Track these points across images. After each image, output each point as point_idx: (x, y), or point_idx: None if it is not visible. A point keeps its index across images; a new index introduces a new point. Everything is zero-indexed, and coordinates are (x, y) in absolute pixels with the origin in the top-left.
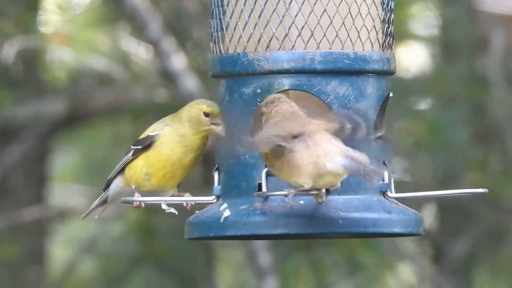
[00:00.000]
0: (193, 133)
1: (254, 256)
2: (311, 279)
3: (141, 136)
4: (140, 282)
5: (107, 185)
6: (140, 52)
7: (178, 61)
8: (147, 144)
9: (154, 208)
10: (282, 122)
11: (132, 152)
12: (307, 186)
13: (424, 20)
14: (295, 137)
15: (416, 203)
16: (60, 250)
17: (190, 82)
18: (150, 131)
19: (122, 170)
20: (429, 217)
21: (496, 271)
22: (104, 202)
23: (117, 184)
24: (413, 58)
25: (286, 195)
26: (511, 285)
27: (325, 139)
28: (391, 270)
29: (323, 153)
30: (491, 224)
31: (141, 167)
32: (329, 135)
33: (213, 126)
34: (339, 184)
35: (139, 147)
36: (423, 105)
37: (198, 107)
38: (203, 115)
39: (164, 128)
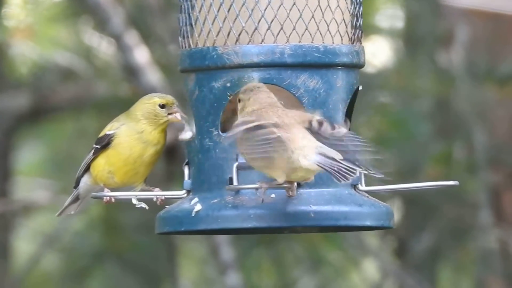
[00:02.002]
0: (153, 128)
1: (216, 251)
2: (273, 274)
3: (100, 135)
4: (103, 277)
5: (77, 183)
6: (102, 46)
7: (141, 55)
8: (106, 143)
9: (118, 203)
10: (257, 111)
11: (92, 151)
12: (280, 180)
13: (388, 14)
14: (273, 125)
15: (379, 198)
16: (24, 244)
17: (153, 76)
18: (107, 130)
19: (88, 169)
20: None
21: (459, 266)
22: (76, 199)
23: (85, 182)
24: (377, 52)
25: (257, 189)
26: (474, 280)
27: (301, 134)
28: (354, 266)
29: (298, 149)
30: (454, 219)
31: (103, 166)
32: (304, 130)
33: (170, 116)
34: (312, 178)
35: (98, 146)
36: (387, 99)
37: (151, 102)
38: (158, 108)
39: (120, 127)
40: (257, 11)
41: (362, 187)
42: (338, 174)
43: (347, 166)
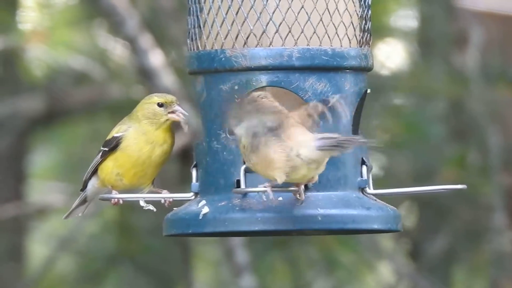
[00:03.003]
0: (154, 128)
1: (231, 254)
2: (288, 277)
3: (108, 137)
4: (117, 279)
5: (84, 186)
6: (117, 49)
7: (155, 58)
8: (114, 146)
9: (131, 206)
10: (261, 114)
11: (100, 154)
12: (280, 180)
13: (402, 16)
14: (271, 130)
15: (394, 201)
16: (38, 247)
17: (167, 79)
18: (115, 132)
19: (96, 171)
20: (407, 214)
21: (474, 268)
22: (84, 201)
23: (93, 184)
24: (391, 55)
25: (264, 192)
26: (488, 282)
27: (300, 132)
28: (369, 268)
29: (296, 145)
30: (469, 221)
31: (111, 168)
32: (304, 129)
33: (170, 115)
34: (316, 177)
35: (106, 149)
36: (401, 101)
37: (149, 102)
38: (157, 107)
39: (128, 129)
40: (265, 14)
41: (370, 190)
42: (339, 147)
43: (346, 137)
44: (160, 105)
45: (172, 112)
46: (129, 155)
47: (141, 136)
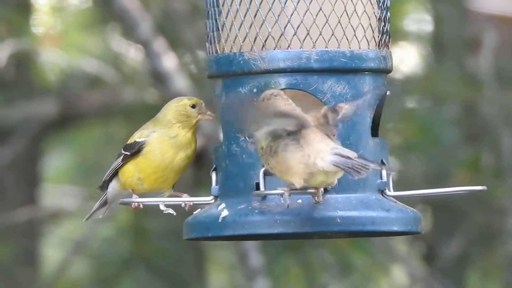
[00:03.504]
0: (186, 131)
1: (245, 257)
2: (302, 280)
3: (129, 141)
4: (131, 283)
5: (104, 186)
6: (130, 53)
7: (169, 62)
8: (136, 151)
9: (145, 209)
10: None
11: (121, 157)
12: (298, 185)
13: (416, 19)
14: (290, 134)
15: (407, 204)
16: (52, 251)
17: (181, 83)
18: (137, 137)
19: (116, 174)
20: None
21: (488, 271)
22: (104, 203)
23: (113, 187)
24: (405, 58)
25: (282, 195)
26: (502, 285)
27: (318, 138)
28: (383, 271)
29: (314, 152)
30: (482, 225)
31: (132, 173)
32: (322, 134)
33: (200, 116)
34: (335, 182)
35: (128, 153)
36: (414, 104)
37: (181, 104)
38: (190, 108)
39: (151, 134)
40: (283, 16)
41: (390, 192)
42: (352, 170)
43: (361, 162)
44: (193, 106)
45: (202, 113)
46: (151, 160)
47: (167, 140)
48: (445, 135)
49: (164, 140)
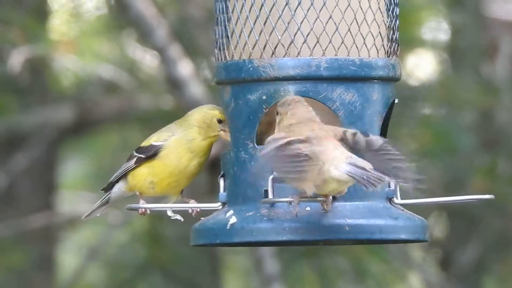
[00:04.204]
0: (202, 138)
1: (260, 263)
2: (317, 286)
3: (144, 144)
4: None
5: (108, 187)
6: (146, 59)
7: (184, 68)
8: (152, 154)
9: (160, 215)
10: (294, 126)
11: (135, 160)
12: (309, 192)
13: (433, 26)
14: (303, 141)
15: (423, 211)
16: (68, 257)
17: (196, 89)
18: (153, 140)
19: (124, 176)
20: (436, 224)
21: (504, 278)
22: (105, 203)
23: (119, 188)
24: (421, 65)
25: (290, 202)
26: None
27: (332, 145)
28: (399, 278)
29: (328, 160)
30: (499, 231)
31: (145, 176)
32: (337, 142)
33: (221, 132)
34: (345, 190)
35: (142, 156)
36: (431, 111)
37: (211, 113)
38: (215, 121)
39: (170, 138)
40: (293, 24)
41: (398, 200)
42: (366, 182)
43: (376, 174)
44: (219, 121)
45: (224, 130)
46: (167, 164)
47: (184, 144)
48: (462, 142)
49: (182, 143)
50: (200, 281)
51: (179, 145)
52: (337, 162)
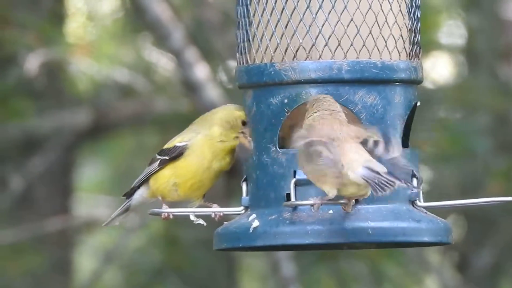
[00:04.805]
0: (221, 137)
1: (277, 266)
2: None
3: (167, 146)
4: None
5: (130, 194)
6: (162, 62)
7: (201, 71)
8: (176, 155)
9: (177, 219)
10: (316, 122)
11: (158, 162)
12: (331, 194)
13: (449, 29)
14: (324, 143)
15: (440, 214)
16: (85, 261)
17: (213, 92)
18: (177, 142)
19: (146, 181)
20: (454, 228)
21: None
22: (126, 210)
23: (141, 194)
24: (438, 68)
25: (313, 205)
26: None
27: (353, 148)
28: (416, 281)
29: (348, 163)
30: None
31: (168, 178)
32: (358, 144)
33: (241, 135)
34: (368, 193)
35: (166, 157)
36: (447, 114)
37: (237, 114)
38: (239, 122)
39: (196, 137)
40: (314, 27)
41: (421, 203)
42: (377, 187)
43: (388, 179)
44: (244, 123)
45: (244, 134)
46: (191, 163)
47: (208, 141)
48: (478, 144)
49: (206, 141)
50: (217, 284)
51: (203, 144)
52: (355, 165)
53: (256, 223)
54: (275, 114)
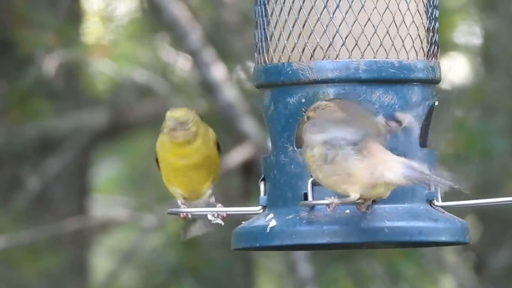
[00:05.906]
0: (167, 140)
1: (294, 267)
2: None
3: None
4: None
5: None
6: (179, 63)
7: (218, 72)
8: (156, 158)
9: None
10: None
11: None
12: (353, 196)
13: (466, 30)
14: (352, 143)
15: (457, 214)
16: (101, 261)
17: (230, 93)
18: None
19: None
20: (471, 227)
21: None
22: (194, 220)
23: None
24: (454, 69)
25: (329, 205)
26: None
27: (381, 149)
28: (432, 281)
29: (381, 164)
30: None
31: (164, 178)
32: (382, 146)
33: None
34: (388, 194)
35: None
36: (464, 115)
37: (168, 114)
38: (168, 121)
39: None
40: (331, 27)
41: (438, 202)
42: (425, 184)
43: (435, 179)
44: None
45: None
46: (162, 166)
47: (159, 144)
48: (496, 145)
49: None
50: (233, 285)
51: (160, 146)
52: (392, 165)
53: (273, 223)
54: (293, 114)
